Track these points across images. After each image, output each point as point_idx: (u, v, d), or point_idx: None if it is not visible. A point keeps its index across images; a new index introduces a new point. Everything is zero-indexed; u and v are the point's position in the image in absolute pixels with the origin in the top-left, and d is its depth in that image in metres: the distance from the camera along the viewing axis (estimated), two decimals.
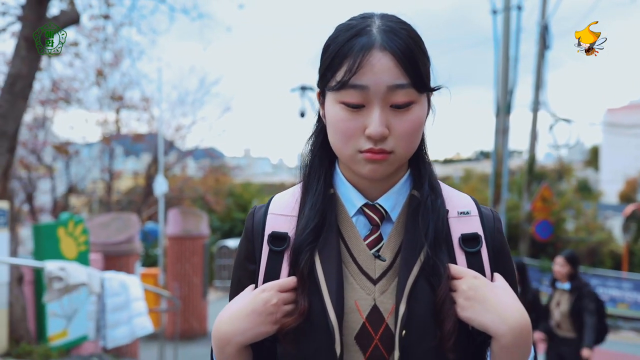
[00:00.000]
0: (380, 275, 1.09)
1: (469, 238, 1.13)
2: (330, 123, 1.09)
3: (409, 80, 1.03)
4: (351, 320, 1.07)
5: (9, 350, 5.47)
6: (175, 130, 18.12)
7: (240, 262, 1.23)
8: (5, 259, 5.44)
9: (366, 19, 1.08)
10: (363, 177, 1.11)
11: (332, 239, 1.11)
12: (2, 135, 5.48)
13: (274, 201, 1.23)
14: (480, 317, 1.02)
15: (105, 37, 9.31)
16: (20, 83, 5.54)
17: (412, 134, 1.06)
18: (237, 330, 1.08)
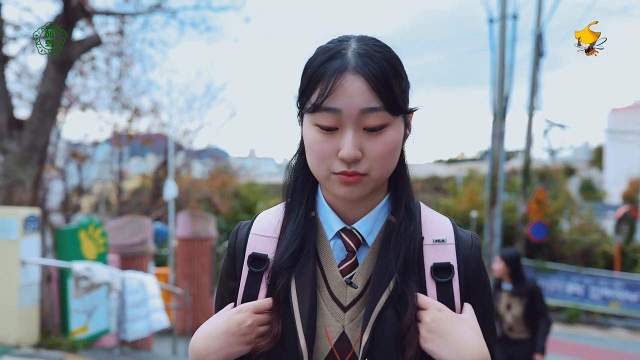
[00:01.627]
0: (350, 303, 1.09)
1: (441, 268, 1.11)
2: (307, 144, 1.10)
3: (382, 104, 1.02)
4: (320, 345, 1.08)
5: (40, 342, 6.01)
6: (183, 135, 18.64)
7: (223, 279, 1.24)
8: (39, 260, 6.01)
9: (343, 42, 1.08)
10: (339, 198, 1.11)
11: (309, 263, 1.11)
12: (34, 149, 6.06)
13: (257, 221, 1.23)
14: (440, 351, 1.02)
15: (121, 51, 9.85)
16: (49, 102, 6.11)
17: (386, 157, 1.06)
18: (210, 349, 1.10)
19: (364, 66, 1.02)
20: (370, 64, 1.03)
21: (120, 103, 13.58)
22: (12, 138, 6.07)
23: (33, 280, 5.96)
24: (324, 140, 1.05)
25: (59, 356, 5.66)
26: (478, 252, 1.16)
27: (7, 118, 6.08)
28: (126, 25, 8.94)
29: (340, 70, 1.02)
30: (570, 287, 13.79)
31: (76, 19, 6.19)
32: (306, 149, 1.11)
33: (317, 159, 1.07)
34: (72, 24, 6.19)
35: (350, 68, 1.02)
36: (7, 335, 5.78)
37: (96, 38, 6.50)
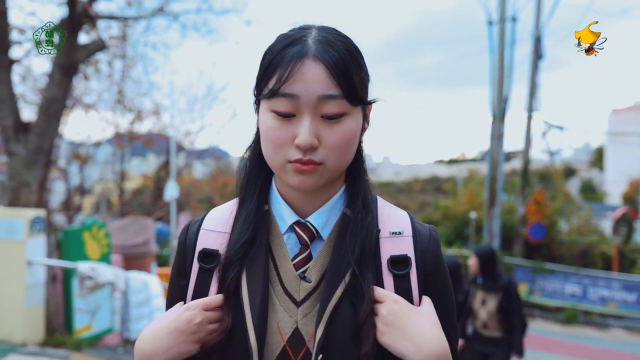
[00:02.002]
0: (304, 298, 1.06)
1: (398, 260, 1.08)
2: (262, 131, 1.06)
3: (340, 92, 1.00)
4: (272, 342, 1.04)
5: (46, 341, 6.14)
6: (184, 135, 18.79)
7: (173, 277, 1.19)
8: (44, 260, 6.13)
9: (304, 30, 1.05)
10: (293, 188, 1.07)
11: (261, 256, 1.07)
12: (39, 152, 6.18)
13: (209, 216, 1.19)
14: (396, 344, 0.99)
15: (123, 54, 9.99)
16: (54, 105, 6.24)
17: (343, 146, 1.03)
18: (159, 349, 1.04)
19: (325, 53, 1.01)
20: (331, 51, 1.01)
21: (123, 105, 13.71)
22: (18, 141, 6.20)
23: (39, 280, 6.09)
24: (280, 127, 1.02)
25: (64, 354, 5.78)
26: (436, 245, 1.13)
27: (14, 121, 6.21)
28: (129, 28, 9.05)
29: (300, 56, 1.00)
30: (569, 288, 13.90)
31: (81, 24, 6.32)
32: (261, 137, 1.07)
33: (273, 147, 1.04)
34: (77, 29, 6.32)
35: (310, 54, 1.00)
36: (14, 334, 5.90)
37: (101, 42, 6.63)
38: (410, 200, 43.65)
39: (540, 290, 14.07)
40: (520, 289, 13.97)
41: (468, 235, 15.77)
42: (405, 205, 42.34)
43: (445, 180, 43.18)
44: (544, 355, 10.22)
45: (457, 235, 16.63)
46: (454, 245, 16.24)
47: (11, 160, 6.26)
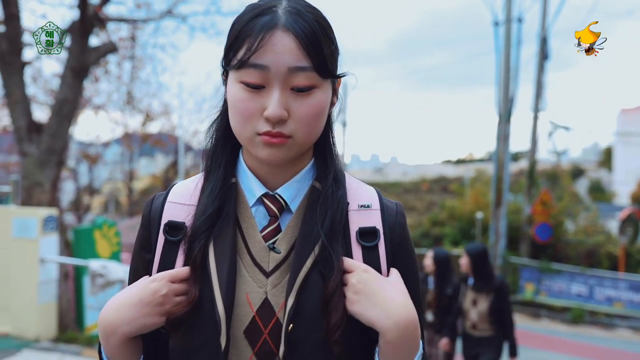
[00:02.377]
0: (273, 268, 1.05)
1: (367, 232, 1.09)
2: (230, 103, 1.03)
3: (311, 64, 0.98)
4: (241, 313, 1.02)
5: (58, 337, 6.29)
6: (192, 135, 18.95)
7: (136, 251, 1.16)
8: (57, 258, 6.28)
9: (273, 0, 1.03)
10: (261, 161, 1.05)
11: (228, 228, 1.05)
12: (52, 152, 6.33)
13: (174, 189, 1.15)
14: (366, 312, 0.99)
15: (133, 55, 10.14)
16: (66, 107, 6.39)
17: (312, 119, 1.02)
18: (122, 321, 1.02)
19: (295, 24, 0.98)
20: (301, 22, 0.99)
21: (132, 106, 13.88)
22: (31, 141, 6.35)
23: (51, 277, 6.24)
24: (249, 98, 1.00)
25: (76, 350, 5.92)
26: (403, 219, 1.14)
27: (27, 122, 6.36)
28: (138, 30, 9.20)
29: (270, 27, 0.98)
30: (575, 288, 13.93)
31: (92, 27, 6.46)
32: (230, 109, 1.04)
33: (241, 118, 1.01)
34: (88, 32, 6.46)
35: (280, 25, 0.98)
36: (27, 330, 6.06)
37: (111, 45, 6.78)
38: (418, 200, 43.59)
39: (546, 290, 14.10)
40: (527, 289, 14.07)
41: (474, 235, 15.81)
42: (412, 205, 42.22)
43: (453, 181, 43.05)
44: (550, 355, 10.26)
45: (463, 235, 16.67)
46: (460, 245, 16.29)
47: (24, 160, 6.41)
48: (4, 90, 6.48)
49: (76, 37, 6.40)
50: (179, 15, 9.29)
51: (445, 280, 5.48)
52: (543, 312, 13.83)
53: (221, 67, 1.09)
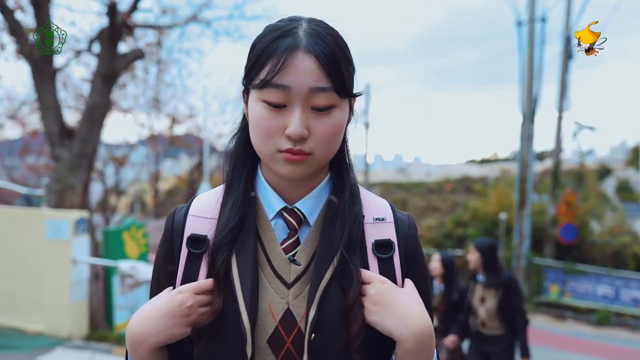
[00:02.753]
0: (294, 280, 1.09)
1: (382, 244, 1.14)
2: (252, 121, 1.07)
3: (331, 84, 1.03)
4: (264, 323, 1.06)
5: (89, 335, 6.48)
6: (216, 137, 19.20)
7: (159, 263, 1.19)
8: (88, 259, 6.48)
9: (294, 22, 1.07)
10: (282, 177, 1.10)
11: (249, 241, 1.10)
12: (83, 156, 6.54)
13: (195, 202, 1.19)
14: (384, 322, 1.04)
15: (159, 60, 10.36)
16: (96, 112, 6.59)
17: (331, 137, 1.06)
18: (151, 331, 1.06)
19: (316, 45, 1.02)
20: (322, 44, 1.03)
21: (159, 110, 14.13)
22: (63, 146, 6.56)
23: (83, 277, 6.43)
24: (271, 117, 1.03)
25: (107, 348, 6.11)
26: (415, 231, 1.20)
27: (59, 128, 6.58)
28: (164, 36, 9.39)
29: (292, 48, 1.02)
30: (601, 289, 13.79)
31: (120, 35, 6.65)
32: (251, 127, 1.08)
33: (263, 136, 1.05)
34: (117, 39, 6.66)
35: (301, 46, 1.02)
36: (60, 328, 6.26)
37: (139, 51, 6.96)
38: (441, 200, 43.31)
39: (571, 291, 13.99)
40: (552, 290, 13.98)
41: (498, 236, 15.74)
42: (435, 205, 41.97)
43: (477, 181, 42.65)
44: (575, 357, 10.22)
45: (486, 236, 16.61)
46: None
47: (57, 164, 6.63)
48: (36, 96, 6.70)
49: (105, 44, 6.60)
50: (204, 21, 9.47)
51: (452, 285, 5.29)
52: (568, 313, 13.72)
53: (242, 85, 1.14)
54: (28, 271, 6.47)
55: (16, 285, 6.49)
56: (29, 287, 6.47)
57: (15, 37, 6.63)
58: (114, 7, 6.37)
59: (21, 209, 8.00)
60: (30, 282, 6.45)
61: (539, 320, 13.16)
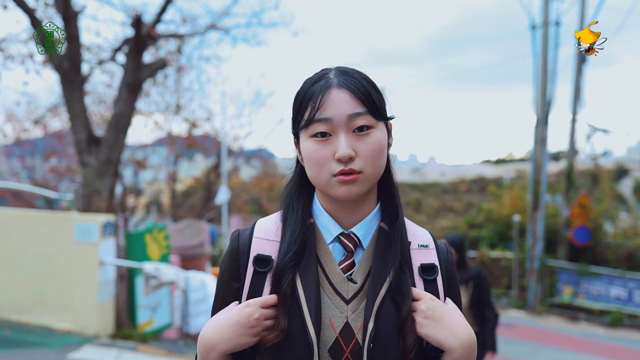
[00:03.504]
0: (352, 296, 1.21)
1: (427, 267, 1.27)
2: (306, 157, 1.22)
3: (365, 109, 1.18)
4: (326, 335, 1.18)
5: (115, 333, 6.78)
6: (233, 140, 19.47)
7: (224, 280, 1.31)
8: (114, 261, 6.78)
9: (324, 70, 1.26)
10: (340, 198, 1.21)
11: (311, 263, 1.22)
12: (109, 162, 6.83)
13: (258, 226, 1.32)
14: (436, 334, 1.16)
15: (180, 67, 10.65)
16: (122, 120, 6.88)
17: (375, 154, 1.19)
18: (221, 339, 1.17)
19: (346, 81, 1.20)
20: (351, 79, 1.20)
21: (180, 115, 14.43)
22: (90, 153, 6.86)
23: (109, 278, 6.73)
24: (321, 147, 1.18)
25: (132, 345, 6.40)
26: (452, 257, 1.36)
27: (86, 135, 6.88)
28: (184, 44, 9.67)
29: (327, 87, 1.19)
30: (614, 291, 13.85)
31: (145, 46, 6.93)
32: (306, 162, 1.23)
33: (317, 166, 1.19)
34: (142, 50, 6.94)
35: (334, 84, 1.19)
36: (88, 327, 6.57)
37: (162, 61, 7.25)
38: (456, 201, 43.17)
39: (585, 293, 14.05)
40: (565, 292, 14.07)
41: (511, 237, 15.82)
42: (450, 206, 41.86)
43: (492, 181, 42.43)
44: (588, 358, 10.32)
45: (500, 238, 16.69)
46: (497, 247, 16.33)
47: (84, 170, 6.93)
48: (65, 105, 7.01)
49: (131, 55, 6.89)
50: (223, 28, 9.75)
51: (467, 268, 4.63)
52: (581, 315, 13.80)
53: (293, 136, 1.30)
54: (57, 272, 6.78)
55: (46, 286, 6.81)
56: (58, 288, 6.78)
57: None
58: (140, 20, 6.65)
59: (52, 213, 8.34)
60: (59, 283, 6.76)
61: (551, 321, 13.27)
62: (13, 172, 20.38)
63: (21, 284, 6.92)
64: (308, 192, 1.33)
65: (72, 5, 6.70)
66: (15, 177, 19.66)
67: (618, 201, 21.65)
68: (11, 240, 7.02)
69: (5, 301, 6.94)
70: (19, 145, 18.45)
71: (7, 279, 6.98)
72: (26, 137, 18.05)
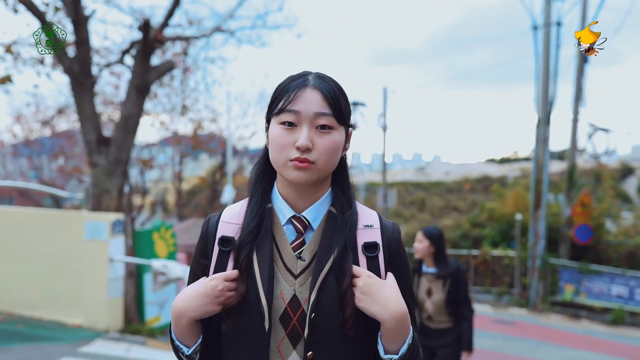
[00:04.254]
0: (300, 272, 1.39)
1: (369, 245, 1.43)
2: (271, 140, 1.39)
3: (331, 111, 1.36)
4: (277, 305, 1.36)
5: (124, 328, 6.97)
6: (237, 140, 19.66)
7: (196, 259, 1.51)
8: (124, 258, 6.97)
9: (305, 72, 1.44)
10: (291, 182, 1.38)
11: (266, 241, 1.40)
12: (118, 162, 7.03)
13: (225, 212, 1.51)
14: (370, 307, 1.33)
15: (185, 68, 10.85)
16: (131, 122, 7.08)
17: (330, 151, 1.37)
18: (190, 307, 1.36)
19: (321, 84, 1.37)
20: (325, 84, 1.38)
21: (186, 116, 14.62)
22: (100, 153, 7.06)
23: (119, 275, 6.92)
24: (285, 134, 1.35)
25: (141, 340, 6.59)
26: (398, 234, 1.49)
27: (96, 136, 7.08)
28: (190, 45, 9.86)
29: (302, 85, 1.37)
30: (615, 289, 13.97)
31: (153, 49, 7.12)
32: (270, 144, 1.40)
33: (278, 149, 1.36)
34: (150, 54, 7.13)
35: (309, 85, 1.37)
36: (98, 322, 6.76)
37: (169, 64, 7.44)
38: (460, 200, 43.26)
39: (586, 291, 14.17)
40: (566, 290, 14.20)
41: (514, 236, 15.94)
42: (454, 205, 41.95)
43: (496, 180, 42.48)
44: (589, 354, 10.44)
45: (502, 237, 16.81)
46: (500, 246, 16.46)
47: (94, 170, 7.13)
48: (75, 107, 7.20)
49: (139, 58, 7.08)
50: (228, 31, 9.93)
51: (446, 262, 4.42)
52: (583, 313, 13.92)
53: (265, 121, 1.48)
54: (69, 269, 6.98)
55: (58, 282, 7.01)
56: (69, 284, 6.98)
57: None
58: (148, 24, 6.84)
59: (63, 211, 8.54)
60: (70, 280, 6.96)
61: (553, 319, 13.40)
62: (21, 172, 20.64)
63: (34, 281, 7.12)
64: (270, 177, 1.51)
65: (82, 10, 6.90)
66: (23, 177, 19.92)
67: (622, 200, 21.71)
68: (24, 239, 7.23)
69: (18, 297, 7.15)
70: (27, 146, 18.69)
71: (21, 276, 7.19)
72: (34, 138, 18.30)
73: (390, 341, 1.36)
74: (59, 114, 15.09)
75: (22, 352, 5.75)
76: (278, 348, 1.37)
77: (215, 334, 1.47)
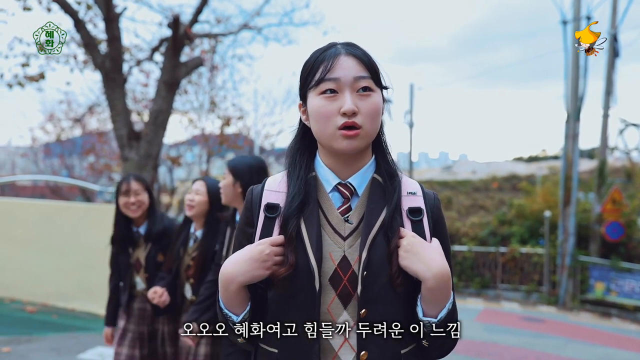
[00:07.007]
0: (348, 234, 1.42)
1: (414, 210, 1.47)
2: (313, 112, 1.41)
3: (368, 74, 1.40)
4: (326, 267, 1.39)
5: None
6: (264, 138, 19.78)
7: (241, 228, 1.54)
8: None
9: (332, 43, 1.47)
10: (341, 152, 1.41)
11: (314, 209, 1.43)
12: (149, 157, 7.16)
13: (267, 181, 1.54)
14: (412, 265, 1.34)
15: (213, 66, 10.99)
16: (161, 117, 7.20)
17: (374, 113, 1.40)
18: (239, 272, 1.37)
19: (353, 50, 1.41)
20: (357, 49, 1.42)
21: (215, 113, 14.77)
22: (131, 148, 7.20)
23: None
24: (328, 103, 1.38)
25: None
26: (439, 203, 1.54)
27: (127, 131, 7.22)
28: (218, 43, 9.99)
29: (336, 54, 1.40)
30: None
31: (182, 45, 7.24)
32: (312, 117, 1.42)
33: (324, 119, 1.38)
34: (180, 50, 7.25)
35: (342, 53, 1.41)
36: None
37: (198, 60, 7.55)
38: (488, 198, 42.70)
39: (617, 289, 13.94)
40: (597, 288, 13.97)
41: (543, 233, 15.74)
42: (482, 204, 41.46)
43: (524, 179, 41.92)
44: (618, 352, 10.28)
45: (531, 234, 16.59)
46: (529, 244, 16.26)
47: (125, 164, 7.27)
48: (107, 103, 7.36)
49: (169, 54, 7.20)
50: (255, 28, 10.03)
51: (215, 229, 3.30)
52: (613, 311, 13.69)
53: (299, 99, 1.51)
54: (100, 261, 7.08)
55: (91, 274, 7.16)
56: (101, 276, 7.07)
57: (87, 49, 7.31)
58: (178, 20, 6.95)
59: (94, 205, 8.71)
60: (103, 272, 7.05)
61: (583, 317, 13.21)
62: (53, 170, 21.10)
63: (67, 273, 7.29)
64: (309, 150, 1.54)
65: (114, 8, 7.04)
66: (55, 175, 20.36)
67: None
68: (57, 232, 7.40)
69: (52, 289, 7.32)
70: (59, 144, 19.09)
71: (54, 268, 7.36)
72: (65, 136, 18.68)
73: (430, 303, 1.36)
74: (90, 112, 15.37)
75: (57, 341, 5.90)
76: (328, 309, 1.39)
77: (260, 303, 1.48)
